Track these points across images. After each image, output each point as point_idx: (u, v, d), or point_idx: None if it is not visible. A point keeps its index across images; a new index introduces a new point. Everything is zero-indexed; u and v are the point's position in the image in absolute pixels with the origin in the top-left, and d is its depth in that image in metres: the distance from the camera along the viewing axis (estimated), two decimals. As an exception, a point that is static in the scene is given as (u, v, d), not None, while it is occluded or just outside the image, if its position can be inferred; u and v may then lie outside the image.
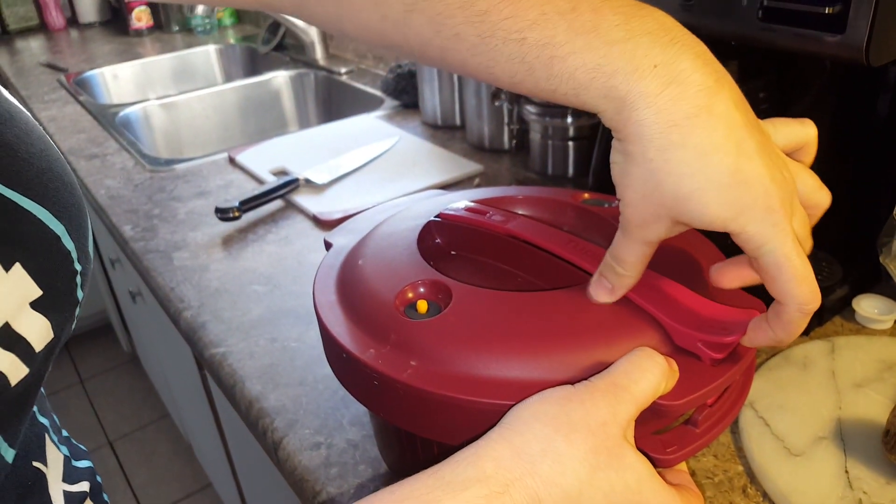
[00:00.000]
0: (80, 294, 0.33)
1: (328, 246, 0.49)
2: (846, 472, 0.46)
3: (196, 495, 1.69)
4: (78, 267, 0.32)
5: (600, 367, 0.34)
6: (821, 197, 0.35)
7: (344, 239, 0.49)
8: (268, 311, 0.68)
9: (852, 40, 0.47)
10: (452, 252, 0.48)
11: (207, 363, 0.64)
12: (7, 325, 0.28)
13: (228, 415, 0.96)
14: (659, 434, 0.36)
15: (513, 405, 0.33)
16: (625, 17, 0.30)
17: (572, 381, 0.34)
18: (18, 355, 0.28)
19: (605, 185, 0.69)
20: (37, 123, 0.34)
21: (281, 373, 0.60)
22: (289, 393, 0.57)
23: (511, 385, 0.34)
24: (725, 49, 0.66)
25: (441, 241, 0.48)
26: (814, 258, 0.65)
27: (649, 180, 0.30)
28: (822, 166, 0.67)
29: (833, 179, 0.67)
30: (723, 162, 0.29)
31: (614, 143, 0.32)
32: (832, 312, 0.62)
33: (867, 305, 0.61)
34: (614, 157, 0.32)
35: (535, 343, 0.36)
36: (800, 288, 0.30)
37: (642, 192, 0.31)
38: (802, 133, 0.36)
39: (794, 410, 0.51)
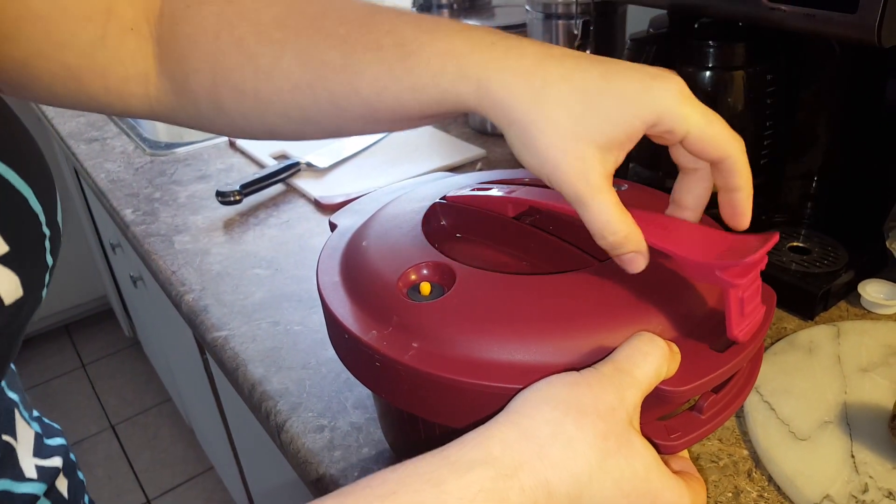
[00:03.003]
0: (49, 260, 0.33)
1: (333, 227, 0.49)
2: (852, 456, 0.46)
3: (198, 478, 1.70)
4: (46, 231, 0.32)
5: (603, 352, 0.33)
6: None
7: (349, 220, 0.48)
8: (270, 295, 0.68)
9: (864, 20, 0.47)
10: (458, 235, 0.47)
11: (210, 347, 0.64)
12: None
13: (230, 398, 0.96)
14: (663, 420, 0.35)
15: (514, 388, 0.33)
16: (458, 23, 0.35)
17: (574, 365, 0.33)
18: None
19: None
20: (2, 97, 0.34)
21: (284, 356, 0.59)
22: (292, 376, 0.57)
23: (513, 368, 0.34)
24: (733, 30, 0.65)
25: (446, 223, 0.47)
26: (820, 243, 0.64)
27: (560, 106, 0.31)
28: (830, 151, 0.66)
29: (840, 164, 0.66)
30: (590, 71, 0.32)
31: (502, 124, 0.33)
32: (837, 297, 0.62)
33: (873, 290, 0.61)
34: (511, 136, 0.33)
35: (538, 326, 0.35)
36: (719, 138, 0.34)
37: (563, 124, 0.31)
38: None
39: (800, 395, 0.51)
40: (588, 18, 0.82)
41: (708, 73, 0.65)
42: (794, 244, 0.65)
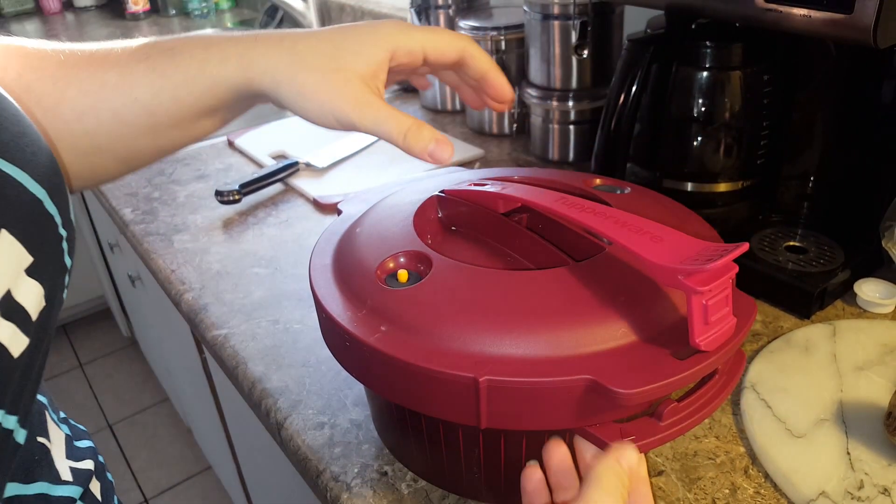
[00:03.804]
0: (68, 261, 0.33)
1: (339, 213, 0.51)
2: (848, 453, 0.46)
3: (196, 478, 1.70)
4: (63, 232, 0.32)
5: (558, 348, 0.34)
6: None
7: (354, 207, 0.50)
8: (269, 294, 0.68)
9: (860, 21, 0.47)
10: (452, 227, 0.48)
11: (210, 345, 0.64)
12: (9, 293, 0.27)
13: (229, 397, 0.96)
14: (621, 422, 0.36)
15: (467, 376, 0.34)
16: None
17: (530, 359, 0.34)
18: (18, 325, 0.28)
19: (609, 170, 0.69)
20: (5, 93, 0.33)
21: (284, 354, 0.60)
22: (292, 374, 0.57)
23: (468, 358, 0.35)
24: (729, 31, 0.66)
25: (443, 215, 0.48)
26: (816, 242, 0.65)
27: (315, 55, 0.38)
28: (826, 151, 0.67)
29: (836, 164, 0.67)
30: (336, 31, 0.40)
31: (271, 88, 0.39)
32: (834, 296, 0.62)
33: (868, 289, 0.61)
34: (284, 95, 0.39)
35: (498, 320, 0.36)
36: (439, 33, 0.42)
37: (322, 66, 0.38)
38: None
39: (796, 393, 0.52)
40: (586, 19, 0.83)
41: (705, 74, 0.65)
42: (791, 243, 0.65)
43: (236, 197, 0.84)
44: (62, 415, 0.43)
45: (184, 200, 0.89)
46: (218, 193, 0.84)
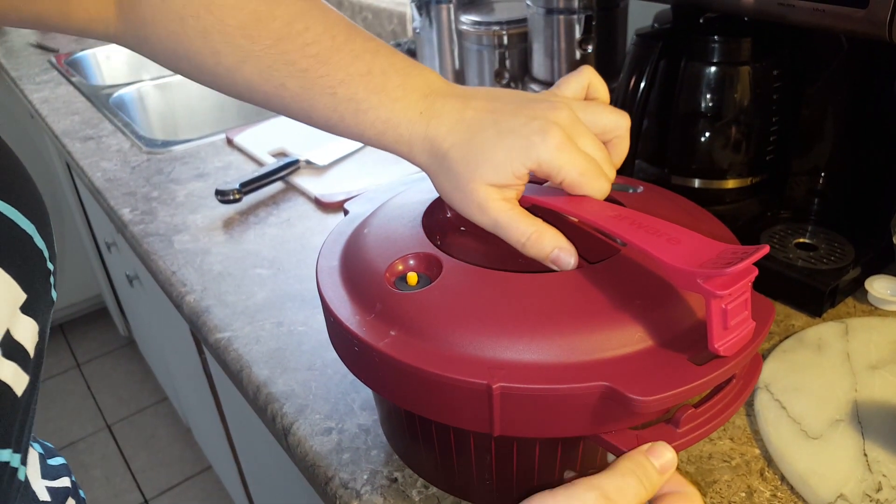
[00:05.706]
0: (54, 295, 0.33)
1: (346, 213, 0.50)
2: (865, 454, 0.46)
3: (196, 478, 1.69)
4: (50, 266, 0.32)
5: (573, 354, 0.34)
6: (610, 119, 0.41)
7: (361, 207, 0.49)
8: (273, 295, 0.67)
9: (875, 15, 0.46)
10: (462, 228, 0.47)
11: (213, 348, 0.63)
12: (8, 332, 0.27)
13: (229, 398, 0.95)
14: (637, 429, 0.35)
15: (479, 383, 0.33)
16: (403, 77, 0.41)
17: (544, 365, 0.33)
18: (19, 363, 0.28)
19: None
20: None
21: (288, 357, 0.59)
22: (297, 378, 0.56)
23: (481, 363, 0.34)
24: (738, 25, 0.65)
25: (451, 215, 0.47)
26: (826, 239, 0.64)
27: (461, 163, 0.39)
28: (837, 146, 0.66)
29: (847, 160, 0.66)
30: (486, 131, 0.39)
31: (426, 172, 0.42)
32: (845, 294, 0.61)
33: (880, 286, 0.60)
34: (432, 181, 0.41)
35: (511, 324, 0.35)
36: (585, 187, 0.39)
37: (464, 175, 0.39)
38: (582, 80, 0.43)
39: (810, 393, 0.51)
40: (590, 13, 0.82)
41: (713, 69, 0.64)
42: (801, 240, 0.64)
43: (237, 196, 0.83)
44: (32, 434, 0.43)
45: (183, 200, 0.88)
46: (218, 192, 0.83)
